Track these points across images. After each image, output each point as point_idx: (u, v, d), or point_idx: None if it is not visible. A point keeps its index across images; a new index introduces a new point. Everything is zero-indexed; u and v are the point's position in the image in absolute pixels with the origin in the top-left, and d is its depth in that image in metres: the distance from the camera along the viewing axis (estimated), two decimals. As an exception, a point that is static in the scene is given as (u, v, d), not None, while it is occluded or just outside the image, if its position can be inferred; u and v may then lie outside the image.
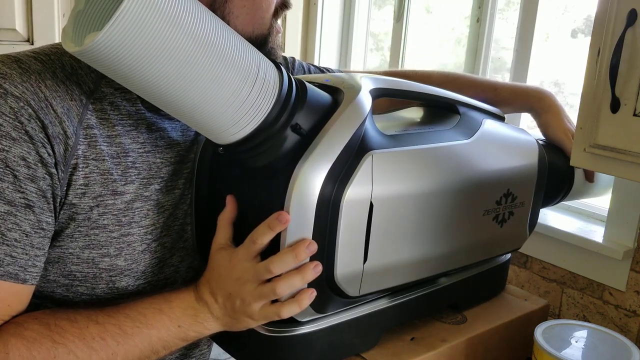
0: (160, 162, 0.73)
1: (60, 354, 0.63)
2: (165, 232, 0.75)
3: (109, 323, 0.66)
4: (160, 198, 0.74)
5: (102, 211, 0.69)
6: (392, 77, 0.79)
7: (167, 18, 0.53)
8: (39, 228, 0.65)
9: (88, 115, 0.67)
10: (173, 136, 0.75)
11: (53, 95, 0.64)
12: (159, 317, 0.67)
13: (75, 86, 0.67)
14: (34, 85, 0.63)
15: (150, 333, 0.67)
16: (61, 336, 0.64)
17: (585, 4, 1.37)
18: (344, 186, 0.63)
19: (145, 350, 0.67)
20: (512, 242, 0.89)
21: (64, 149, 0.65)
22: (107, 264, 0.71)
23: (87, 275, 0.71)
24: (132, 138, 0.71)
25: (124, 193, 0.70)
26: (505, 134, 0.85)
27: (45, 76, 0.65)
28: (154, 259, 0.75)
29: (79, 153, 0.66)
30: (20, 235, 0.63)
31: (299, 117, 0.63)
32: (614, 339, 0.81)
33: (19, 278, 0.64)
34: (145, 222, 0.73)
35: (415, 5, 1.69)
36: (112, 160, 0.69)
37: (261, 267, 0.64)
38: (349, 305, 0.73)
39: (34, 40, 1.40)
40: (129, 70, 0.55)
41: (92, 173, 0.67)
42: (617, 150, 0.69)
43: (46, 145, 0.63)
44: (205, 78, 0.57)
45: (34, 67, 0.65)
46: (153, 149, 0.73)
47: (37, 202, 0.64)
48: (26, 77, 0.63)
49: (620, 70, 0.67)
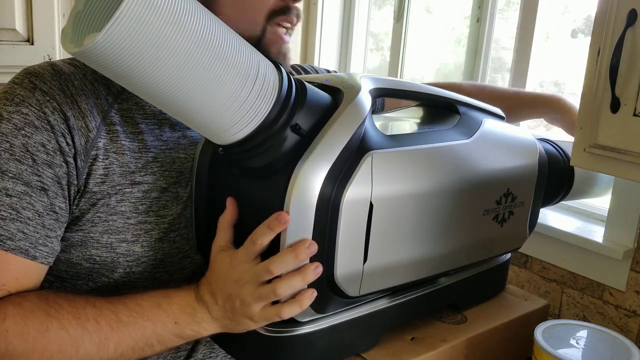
0: (183, 157, 0.78)
1: (53, 327, 0.65)
2: (184, 224, 0.78)
3: (106, 308, 0.68)
4: (179, 191, 0.77)
5: (120, 198, 0.73)
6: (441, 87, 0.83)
7: (167, 18, 0.53)
8: (52, 211, 0.69)
9: (112, 113, 0.74)
10: (195, 135, 0.79)
11: (79, 93, 0.71)
12: (156, 310, 0.68)
13: (103, 87, 0.74)
14: (62, 83, 0.71)
15: (145, 325, 0.68)
16: (57, 311, 0.66)
17: (585, 4, 1.37)
18: (343, 186, 0.63)
19: (139, 341, 0.68)
20: (512, 241, 0.89)
21: (85, 140, 0.71)
22: (124, 249, 0.74)
23: (105, 259, 0.74)
24: (155, 136, 0.76)
25: (142, 183, 0.74)
26: (506, 133, 0.85)
27: (75, 77, 0.72)
28: (173, 249, 0.77)
29: (100, 145, 0.72)
30: (34, 215, 0.68)
31: (298, 117, 0.63)
32: (614, 339, 0.81)
33: (29, 254, 0.68)
34: (163, 212, 0.76)
35: (415, 5, 1.69)
36: (132, 154, 0.74)
37: (261, 268, 0.64)
38: (349, 305, 0.73)
39: (34, 40, 1.40)
40: (129, 71, 0.55)
41: (112, 164, 0.72)
42: (617, 150, 0.69)
43: (66, 136, 0.69)
44: (205, 78, 0.57)
45: (66, 70, 0.72)
46: (176, 146, 0.77)
47: (52, 187, 0.69)
48: (56, 77, 0.71)
49: (620, 70, 0.67)
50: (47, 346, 0.65)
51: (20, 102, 0.68)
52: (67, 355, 0.66)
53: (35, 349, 0.65)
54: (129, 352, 0.68)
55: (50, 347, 0.65)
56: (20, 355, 0.65)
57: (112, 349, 0.67)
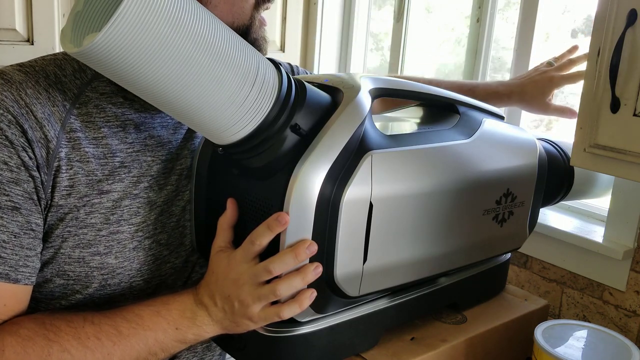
0: (150, 160, 0.74)
1: (55, 351, 0.64)
2: (159, 229, 0.76)
3: (105, 324, 0.66)
4: (150, 195, 0.74)
5: (88, 210, 0.70)
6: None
7: (166, 19, 0.53)
8: (28, 229, 0.66)
9: (71, 120, 0.69)
10: (163, 134, 0.76)
11: (33, 102, 0.67)
12: (156, 319, 0.67)
13: (59, 93, 0.69)
14: (15, 93, 0.66)
15: (146, 334, 0.67)
16: (56, 335, 0.65)
17: (585, 4, 1.37)
18: (343, 186, 0.63)
19: (142, 351, 0.67)
20: (512, 241, 0.89)
21: (46, 152, 0.67)
22: (97, 262, 0.71)
23: (79, 274, 0.71)
24: (119, 139, 0.72)
25: (110, 192, 0.71)
26: (505, 133, 0.85)
27: (27, 85, 0.67)
28: (149, 257, 0.75)
29: (62, 155, 0.68)
30: (9, 237, 0.65)
31: (298, 117, 0.63)
32: (614, 339, 0.81)
33: (10, 278, 0.65)
34: (136, 219, 0.73)
35: (415, 5, 1.69)
36: (97, 161, 0.70)
37: (260, 268, 0.64)
38: (349, 305, 0.73)
39: (34, 40, 1.40)
40: (128, 71, 0.55)
41: (77, 174, 0.69)
42: (617, 150, 0.69)
43: (27, 149, 0.65)
44: (205, 78, 0.57)
45: (16, 78, 0.68)
46: (143, 148, 0.74)
47: (24, 204, 0.66)
48: (7, 87, 0.66)
49: (620, 70, 0.67)
50: None
51: None
52: None
53: None
54: None
55: None
56: None
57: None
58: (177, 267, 0.79)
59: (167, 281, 0.79)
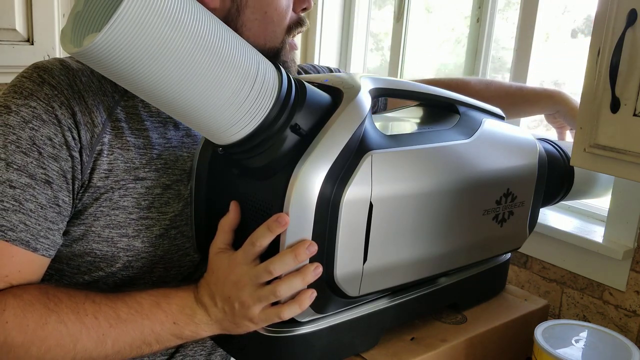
0: (186, 155, 0.79)
1: (52, 321, 0.66)
2: (185, 222, 0.79)
3: (105, 305, 0.68)
4: (181, 189, 0.78)
5: (123, 193, 0.74)
6: (437, 84, 0.84)
7: (166, 19, 0.53)
8: (55, 204, 0.70)
9: (118, 110, 0.75)
10: (197, 134, 0.81)
11: (86, 89, 0.73)
12: (155, 310, 0.68)
13: (110, 85, 0.75)
14: (71, 79, 0.72)
15: (143, 323, 0.68)
16: (56, 305, 0.67)
17: (585, 4, 1.37)
18: (343, 186, 0.63)
19: (137, 339, 0.68)
20: (512, 241, 0.89)
21: (91, 136, 0.72)
22: (125, 243, 0.75)
23: (106, 253, 0.74)
24: (159, 133, 0.77)
25: (145, 179, 0.75)
26: (505, 133, 0.85)
27: (83, 74, 0.73)
28: (173, 246, 0.78)
29: (105, 141, 0.73)
30: (36, 207, 0.68)
31: (298, 117, 0.63)
32: (614, 339, 0.81)
33: (30, 245, 0.69)
34: (165, 209, 0.77)
35: (415, 5, 1.69)
36: (137, 150, 0.75)
37: (260, 269, 0.64)
38: (349, 305, 0.73)
39: (33, 40, 1.40)
40: (128, 71, 0.55)
41: (117, 160, 0.74)
42: (617, 150, 0.69)
43: (73, 131, 0.70)
44: (205, 78, 0.57)
45: (74, 66, 0.74)
46: (180, 144, 0.79)
47: (57, 180, 0.70)
48: (65, 72, 0.72)
49: (620, 70, 0.67)
50: (46, 339, 0.65)
51: (28, 96, 0.69)
52: (65, 349, 0.66)
53: (34, 341, 0.65)
54: (126, 350, 0.68)
55: (49, 340, 0.66)
56: (19, 347, 0.65)
57: (109, 345, 0.67)
58: (195, 260, 0.81)
59: (185, 273, 0.81)
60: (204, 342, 0.85)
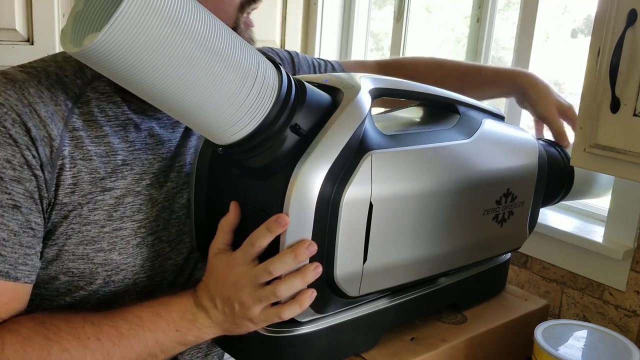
0: (152, 158, 0.75)
1: (55, 351, 0.64)
2: (161, 226, 0.76)
3: (105, 324, 0.66)
4: (152, 193, 0.75)
5: (92, 207, 0.70)
6: (386, 67, 0.80)
7: (167, 19, 0.53)
8: (28, 227, 0.66)
9: (74, 119, 0.70)
10: (162, 133, 0.77)
11: (36, 101, 0.67)
12: (156, 320, 0.67)
13: (61, 92, 0.70)
14: (18, 92, 0.67)
15: (146, 335, 0.67)
16: (56, 334, 0.65)
17: (585, 4, 1.37)
18: (343, 186, 0.63)
19: (142, 352, 0.67)
20: (512, 241, 0.89)
21: (50, 150, 0.67)
22: (101, 258, 0.72)
23: (84, 271, 0.72)
24: (120, 138, 0.73)
25: (113, 189, 0.72)
26: (505, 133, 0.85)
27: (30, 84, 0.68)
28: (151, 253, 0.76)
29: (65, 154, 0.68)
30: (9, 235, 0.65)
31: (298, 117, 0.63)
32: (614, 339, 0.81)
33: (10, 276, 0.66)
34: (138, 216, 0.74)
35: (415, 5, 1.69)
36: (100, 159, 0.71)
37: (260, 270, 0.64)
38: (349, 305, 0.73)
39: (34, 40, 1.40)
40: (129, 71, 0.55)
41: (80, 172, 0.69)
42: (617, 150, 0.69)
43: (30, 148, 0.66)
44: (205, 78, 0.57)
45: (19, 77, 0.68)
46: (143, 146, 0.75)
47: (24, 203, 0.66)
48: (10, 86, 0.67)
49: (620, 70, 0.67)
50: None
51: None
52: None
53: None
54: None
55: None
56: None
57: None
58: (178, 264, 0.79)
59: (169, 278, 0.79)
60: (199, 345, 0.85)
